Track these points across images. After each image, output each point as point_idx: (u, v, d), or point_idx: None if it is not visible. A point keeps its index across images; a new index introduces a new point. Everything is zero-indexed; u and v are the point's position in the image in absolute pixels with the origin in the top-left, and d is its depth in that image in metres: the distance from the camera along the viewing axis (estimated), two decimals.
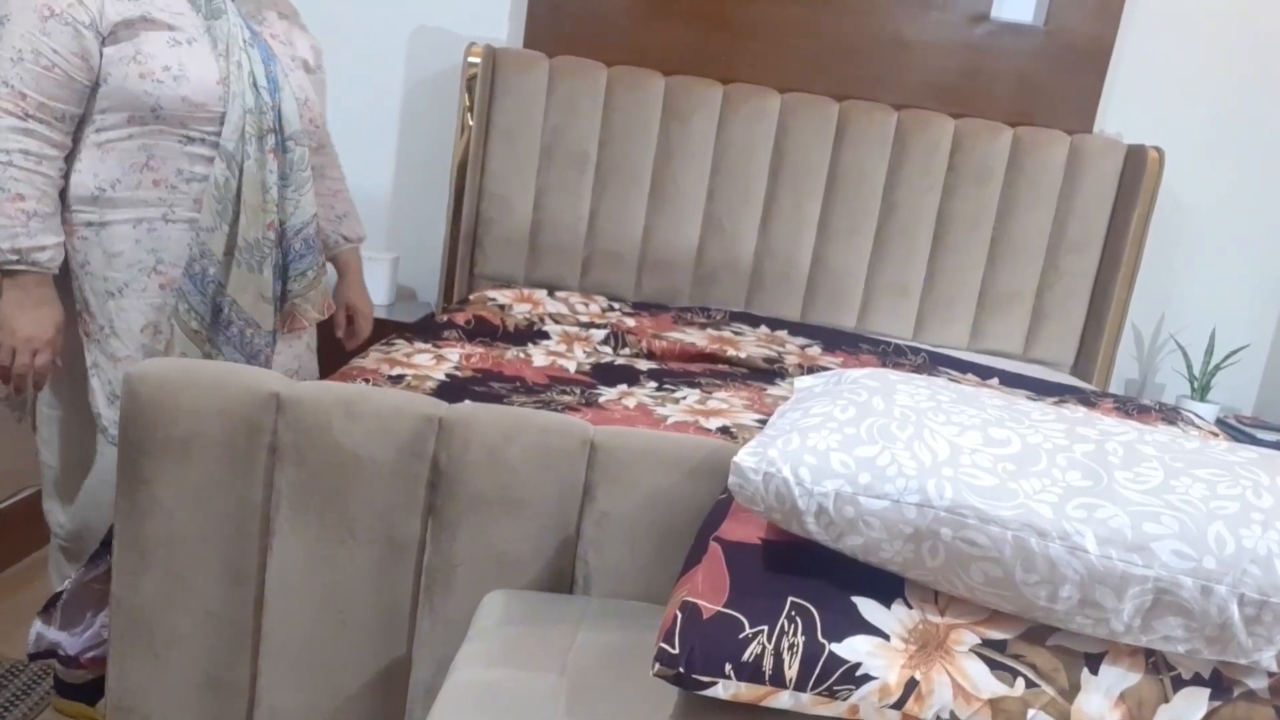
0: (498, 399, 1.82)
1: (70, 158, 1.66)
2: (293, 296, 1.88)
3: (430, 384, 1.89)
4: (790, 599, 1.01)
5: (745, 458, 1.05)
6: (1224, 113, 3.00)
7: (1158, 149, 2.81)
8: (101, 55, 1.61)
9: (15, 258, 1.60)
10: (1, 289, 1.63)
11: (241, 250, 1.73)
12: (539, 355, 2.23)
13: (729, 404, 1.97)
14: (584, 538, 1.44)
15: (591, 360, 2.24)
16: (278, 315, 1.84)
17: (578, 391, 1.96)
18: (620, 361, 2.27)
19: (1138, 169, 2.82)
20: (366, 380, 1.86)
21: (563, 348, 2.33)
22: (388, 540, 1.45)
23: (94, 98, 1.63)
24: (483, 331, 2.35)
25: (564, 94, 2.88)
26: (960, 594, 1.01)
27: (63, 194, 1.66)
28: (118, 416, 1.59)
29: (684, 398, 2.00)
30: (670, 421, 1.80)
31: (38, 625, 1.68)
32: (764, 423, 1.82)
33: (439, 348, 2.18)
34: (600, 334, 2.43)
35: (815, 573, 1.04)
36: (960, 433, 1.04)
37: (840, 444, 1.04)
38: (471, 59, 2.81)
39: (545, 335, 2.40)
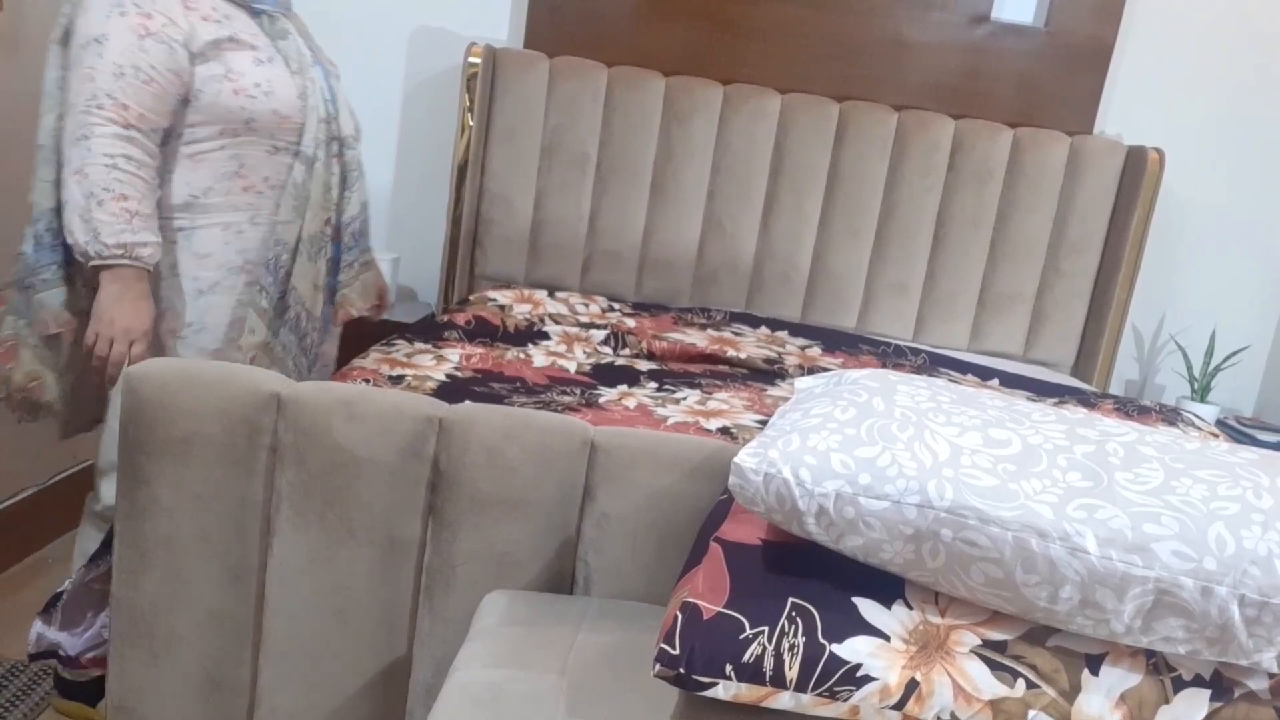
0: (498, 400, 1.82)
1: (161, 169, 1.76)
2: (341, 287, 2.02)
3: (430, 384, 1.89)
4: (791, 600, 1.01)
5: (746, 458, 1.05)
6: (1224, 113, 3.00)
7: (1158, 150, 2.81)
8: (193, 73, 1.73)
9: (120, 253, 1.69)
10: (101, 284, 1.72)
11: (304, 242, 1.89)
12: (539, 356, 2.23)
13: (729, 404, 1.97)
14: (584, 538, 1.44)
15: (592, 361, 2.24)
16: (328, 306, 1.99)
17: (578, 392, 1.96)
18: (620, 362, 2.27)
19: (1138, 170, 2.82)
20: (366, 381, 1.86)
21: (563, 348, 2.33)
22: (388, 540, 1.45)
23: (184, 112, 1.75)
24: (483, 332, 2.35)
25: (564, 94, 2.88)
26: (961, 595, 1.01)
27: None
28: None
29: (684, 398, 2.00)
30: (670, 422, 1.80)
31: (38, 626, 1.69)
32: (764, 423, 1.82)
33: (439, 348, 2.18)
34: (600, 334, 2.43)
35: (816, 573, 1.04)
36: (960, 433, 1.04)
37: (840, 445, 1.04)
38: (472, 59, 2.81)
39: (545, 335, 2.40)
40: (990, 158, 2.87)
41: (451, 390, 1.86)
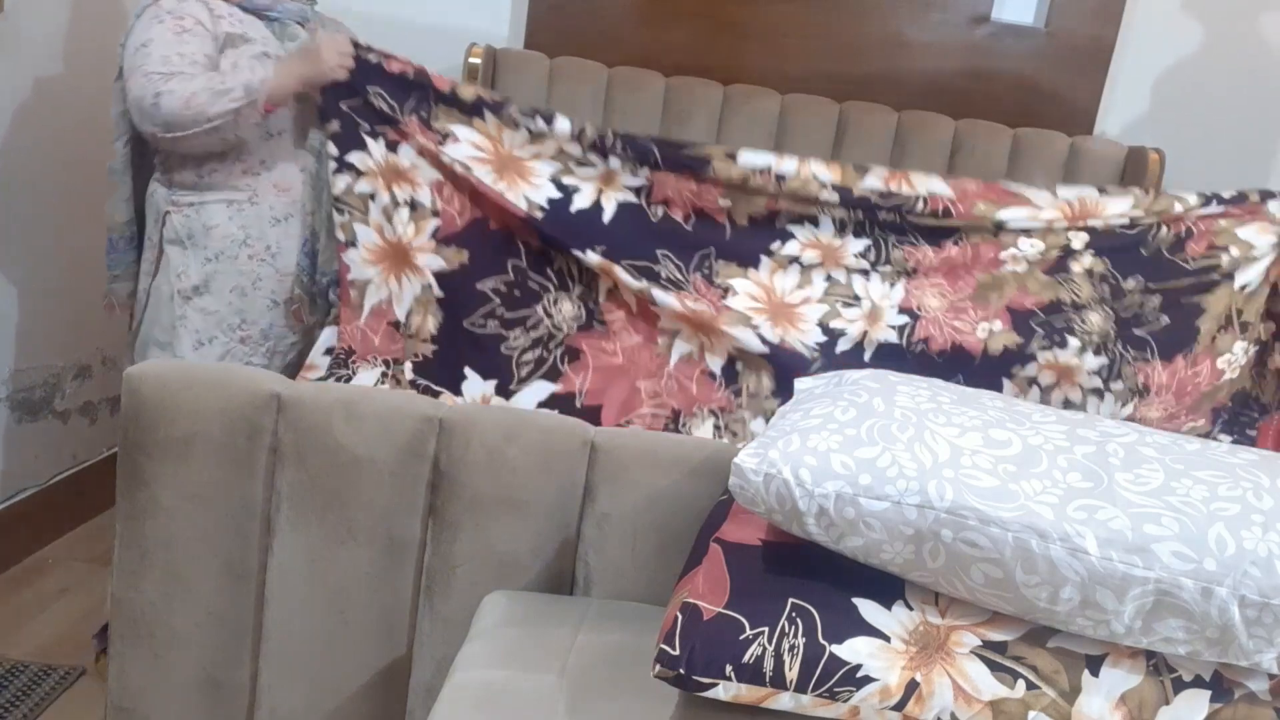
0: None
1: (172, 154, 1.87)
2: None
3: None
4: (791, 600, 1.01)
5: (746, 459, 1.05)
6: (1224, 113, 3.00)
7: (1158, 150, 2.80)
8: (218, 61, 1.84)
9: (245, 91, 1.77)
10: (278, 88, 1.81)
11: (323, 223, 1.96)
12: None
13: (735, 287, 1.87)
14: (584, 538, 1.44)
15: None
16: None
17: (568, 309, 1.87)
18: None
19: (1138, 171, 2.82)
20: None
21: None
22: (388, 541, 1.45)
23: None
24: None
25: (564, 94, 2.87)
26: (961, 595, 1.01)
27: (170, 181, 1.90)
28: (202, 361, 1.85)
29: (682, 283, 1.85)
30: (674, 360, 1.81)
31: None
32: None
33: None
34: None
35: (816, 574, 1.04)
36: (961, 434, 1.04)
37: (841, 445, 1.04)
38: (472, 59, 2.80)
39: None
40: (990, 158, 2.86)
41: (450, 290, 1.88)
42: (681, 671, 0.98)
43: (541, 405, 1.83)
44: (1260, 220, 1.87)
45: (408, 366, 1.88)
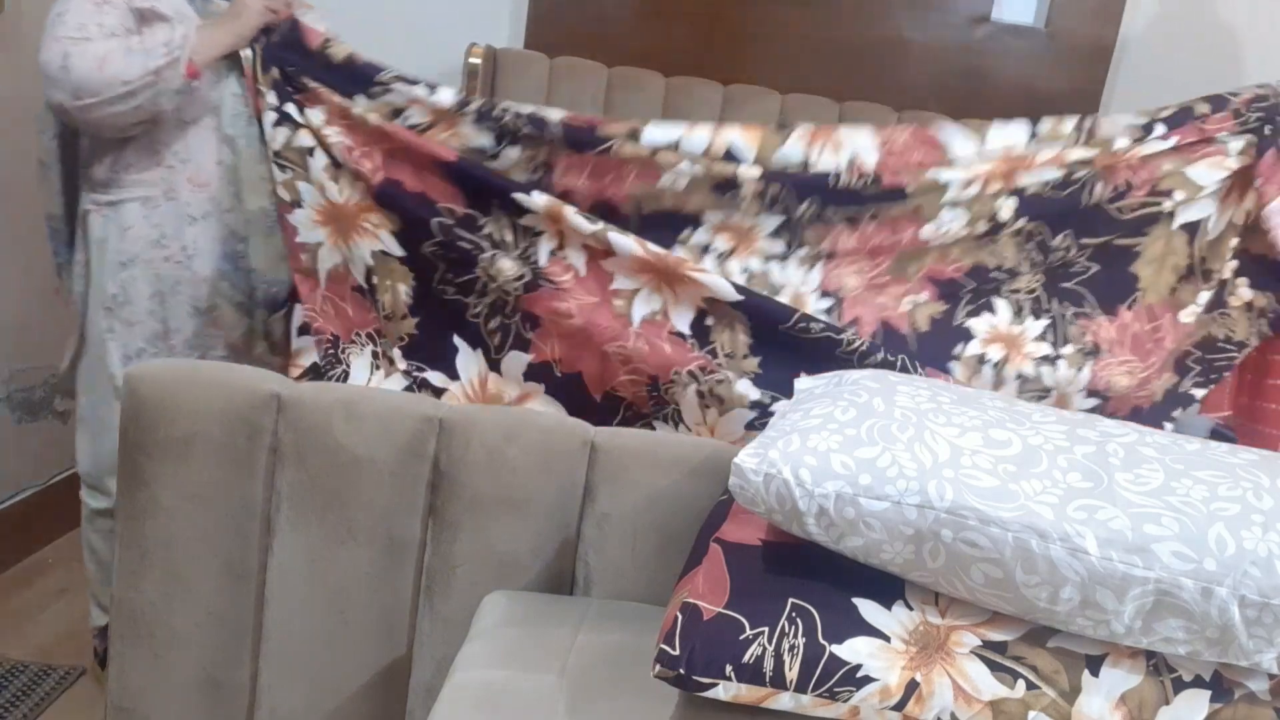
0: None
1: (89, 148, 1.79)
2: None
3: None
4: (791, 600, 1.01)
5: (746, 459, 1.05)
6: None
7: None
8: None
9: (164, 53, 1.66)
10: (200, 52, 1.70)
11: (252, 223, 1.82)
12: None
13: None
14: (584, 538, 1.44)
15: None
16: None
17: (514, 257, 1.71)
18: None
19: None
20: None
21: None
22: (388, 541, 1.45)
23: None
24: None
25: (565, 95, 2.87)
26: (961, 595, 1.01)
27: (89, 179, 1.80)
28: None
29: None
30: (637, 320, 1.65)
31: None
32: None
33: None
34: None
35: (816, 574, 1.04)
36: (961, 434, 1.04)
37: (841, 445, 1.04)
38: (472, 59, 2.80)
39: None
40: None
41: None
42: (681, 671, 0.98)
43: (528, 376, 1.73)
44: (1213, 155, 1.68)
45: (397, 353, 1.79)
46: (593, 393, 1.71)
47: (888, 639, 0.99)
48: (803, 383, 1.30)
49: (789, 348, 1.62)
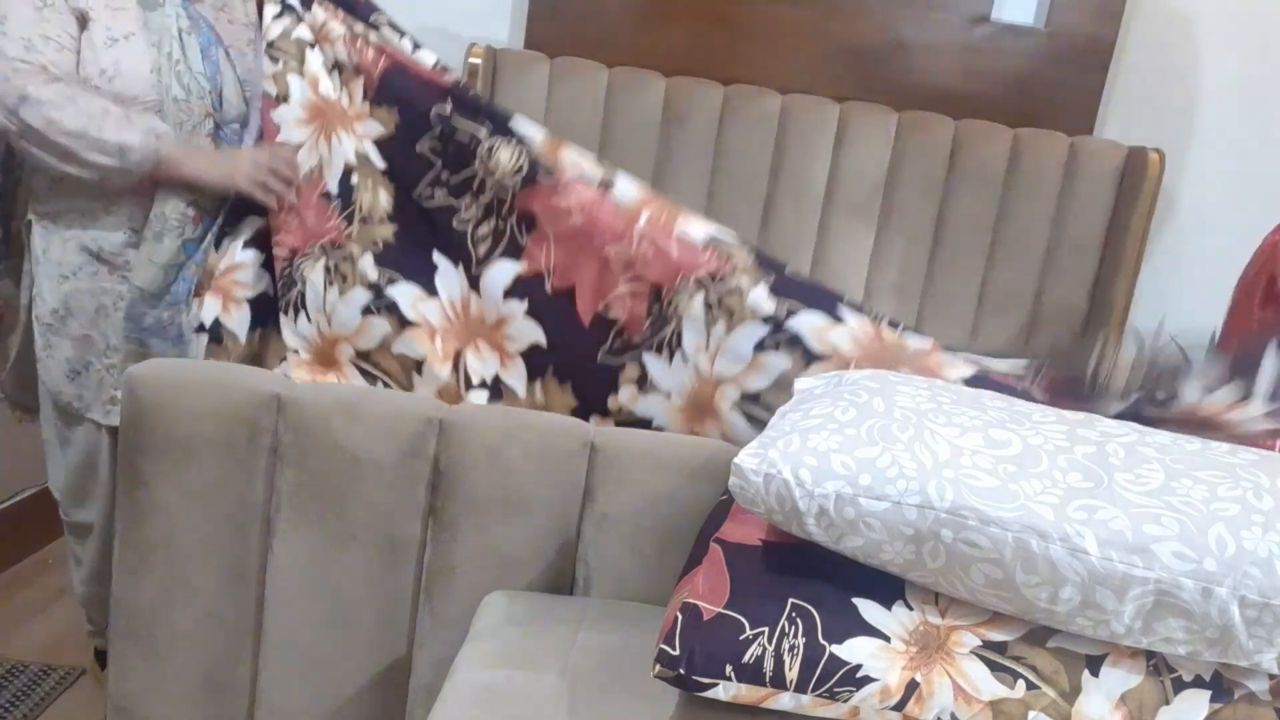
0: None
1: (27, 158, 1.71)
2: None
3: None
4: (791, 600, 1.01)
5: (746, 459, 1.05)
6: (1224, 113, 3.00)
7: (1158, 151, 2.81)
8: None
9: (151, 152, 1.64)
10: (172, 166, 1.67)
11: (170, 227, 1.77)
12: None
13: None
14: (584, 539, 1.44)
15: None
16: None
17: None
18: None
19: (1138, 171, 2.82)
20: None
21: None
22: (388, 541, 1.45)
23: None
24: None
25: (564, 95, 2.87)
26: (961, 596, 1.01)
27: (31, 184, 1.74)
28: (80, 391, 1.74)
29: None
30: (644, 219, 1.59)
31: None
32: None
33: None
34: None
35: (816, 574, 1.04)
36: (961, 434, 1.04)
37: (841, 445, 1.04)
38: (472, 59, 2.80)
39: None
40: (990, 159, 2.87)
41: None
42: (681, 671, 0.98)
43: (510, 293, 1.65)
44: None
45: (368, 259, 1.67)
46: (581, 315, 1.63)
47: (888, 639, 0.99)
48: (803, 382, 1.30)
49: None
